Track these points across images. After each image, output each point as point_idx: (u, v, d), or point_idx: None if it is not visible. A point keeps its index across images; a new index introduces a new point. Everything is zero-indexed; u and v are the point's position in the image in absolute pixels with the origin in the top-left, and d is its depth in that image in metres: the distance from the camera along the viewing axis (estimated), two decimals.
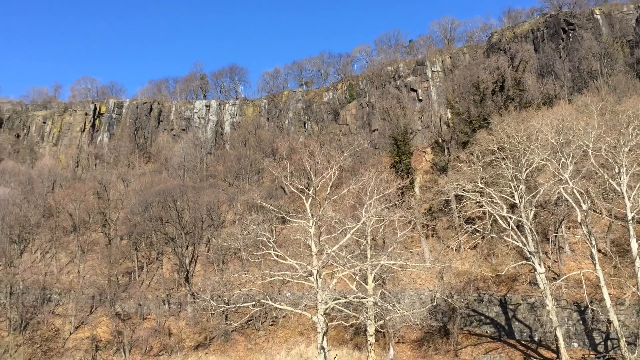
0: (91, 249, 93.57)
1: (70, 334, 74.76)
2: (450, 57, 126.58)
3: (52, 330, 75.92)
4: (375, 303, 45.99)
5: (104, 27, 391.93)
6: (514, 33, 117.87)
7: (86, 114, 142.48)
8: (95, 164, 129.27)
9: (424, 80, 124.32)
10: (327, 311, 42.23)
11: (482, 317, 65.56)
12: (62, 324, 76.62)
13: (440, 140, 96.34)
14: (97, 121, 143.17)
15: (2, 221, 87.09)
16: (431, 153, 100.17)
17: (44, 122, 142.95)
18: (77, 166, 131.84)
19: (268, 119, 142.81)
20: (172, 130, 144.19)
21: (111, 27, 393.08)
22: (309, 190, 46.89)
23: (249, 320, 71.86)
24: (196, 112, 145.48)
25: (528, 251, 51.13)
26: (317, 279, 41.39)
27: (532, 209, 53.03)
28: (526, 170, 52.04)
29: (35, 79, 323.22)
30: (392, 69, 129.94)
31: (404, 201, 66.69)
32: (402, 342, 65.82)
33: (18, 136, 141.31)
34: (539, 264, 50.68)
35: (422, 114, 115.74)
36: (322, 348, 39.14)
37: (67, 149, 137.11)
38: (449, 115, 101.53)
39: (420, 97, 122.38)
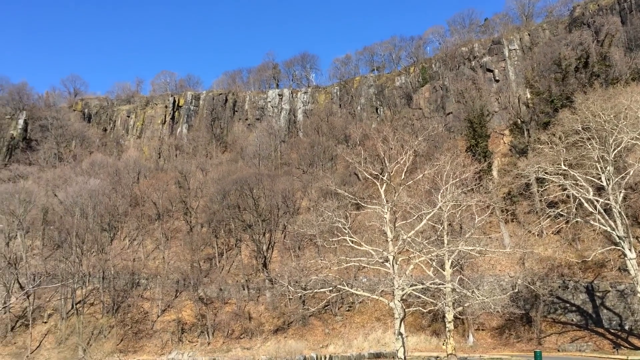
0: (174, 236, 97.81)
1: (158, 316, 78.73)
2: (529, 34, 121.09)
3: (141, 313, 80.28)
4: (453, 289, 45.21)
5: (182, 22, 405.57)
6: (598, 5, 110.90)
7: (166, 106, 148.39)
8: (176, 155, 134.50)
9: (500, 59, 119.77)
10: (403, 297, 41.94)
11: (567, 305, 62.99)
12: (150, 307, 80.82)
13: (519, 122, 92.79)
14: (176, 113, 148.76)
15: (94, 210, 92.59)
16: (509, 135, 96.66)
17: (128, 116, 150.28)
18: (159, 157, 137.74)
19: (340, 105, 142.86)
20: (246, 119, 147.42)
21: (188, 20, 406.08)
22: (383, 176, 46.54)
23: (326, 306, 72.84)
24: (269, 102, 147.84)
25: (617, 236, 48.46)
26: (393, 265, 41.15)
27: (621, 191, 50.17)
28: (614, 150, 49.20)
29: (119, 75, 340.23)
30: (467, 49, 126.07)
31: (481, 185, 64.82)
32: (482, 329, 64.48)
33: (105, 130, 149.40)
34: (630, 249, 47.94)
35: (499, 95, 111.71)
36: (400, 334, 38.99)
37: (149, 140, 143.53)
38: (528, 95, 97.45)
39: (497, 78, 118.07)
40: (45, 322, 79.06)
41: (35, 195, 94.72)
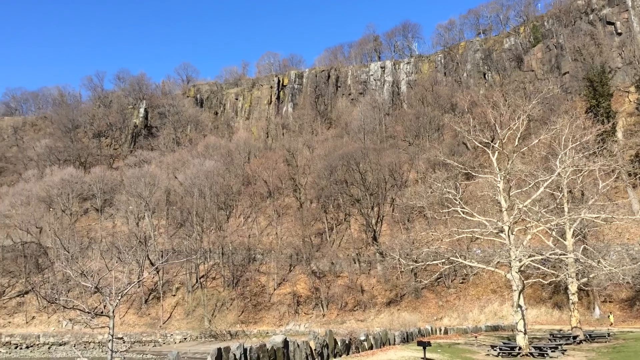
0: (285, 212, 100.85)
1: (274, 289, 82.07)
2: None
3: (258, 287, 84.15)
4: (576, 260, 42.53)
5: (283, 3, 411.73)
6: None
7: (271, 87, 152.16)
8: (283, 133, 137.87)
9: (622, 10, 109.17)
10: (521, 269, 40.15)
11: None
12: (266, 281, 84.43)
13: None
14: (281, 93, 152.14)
15: (210, 190, 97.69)
16: (635, 92, 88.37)
17: (236, 99, 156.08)
18: (267, 136, 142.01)
19: (445, 73, 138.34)
20: (349, 94, 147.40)
21: (289, 1, 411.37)
22: (494, 144, 44.47)
23: (439, 278, 71.76)
24: (372, 75, 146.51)
25: None
26: (508, 236, 39.42)
27: None
28: None
29: (226, 60, 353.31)
30: (583, 2, 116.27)
31: (605, 148, 60.00)
32: (609, 301, 60.44)
33: (216, 113, 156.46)
34: None
35: (622, 50, 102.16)
36: (519, 306, 37.45)
37: (257, 121, 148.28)
38: None
39: (619, 31, 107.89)
40: (174, 295, 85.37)
41: (158, 178, 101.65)
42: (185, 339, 73.96)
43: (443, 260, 46.76)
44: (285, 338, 26.95)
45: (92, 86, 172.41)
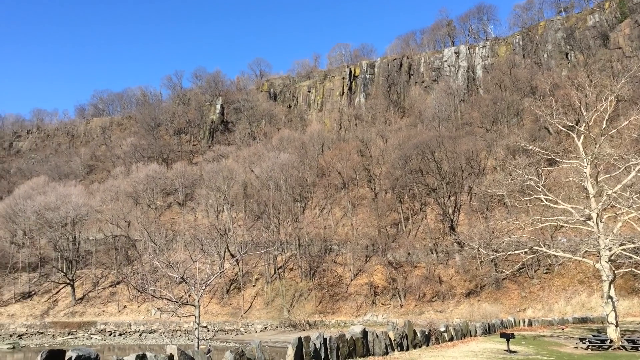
0: (360, 203, 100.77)
1: (351, 280, 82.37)
2: None
3: (335, 277, 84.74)
4: None
5: None
6: None
7: (343, 78, 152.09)
8: (356, 124, 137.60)
9: None
10: (612, 258, 38.01)
11: None
12: (343, 272, 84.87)
13: None
14: (353, 84, 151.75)
15: (286, 183, 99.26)
16: None
17: (309, 91, 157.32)
18: (340, 128, 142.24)
19: (523, 55, 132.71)
20: (422, 82, 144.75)
21: None
22: (579, 127, 42.23)
23: (521, 268, 69.35)
24: (445, 61, 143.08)
25: None
26: (597, 223, 37.40)
27: None
28: None
29: (298, 53, 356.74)
30: None
31: None
32: None
33: (289, 107, 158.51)
34: None
35: None
36: (610, 297, 35.50)
37: (330, 113, 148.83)
38: None
39: None
40: (254, 286, 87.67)
41: (236, 172, 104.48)
42: (265, 328, 75.85)
43: (525, 249, 45.11)
44: (364, 328, 26.97)
45: (171, 85, 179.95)
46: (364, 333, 26.63)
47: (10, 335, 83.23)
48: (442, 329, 36.23)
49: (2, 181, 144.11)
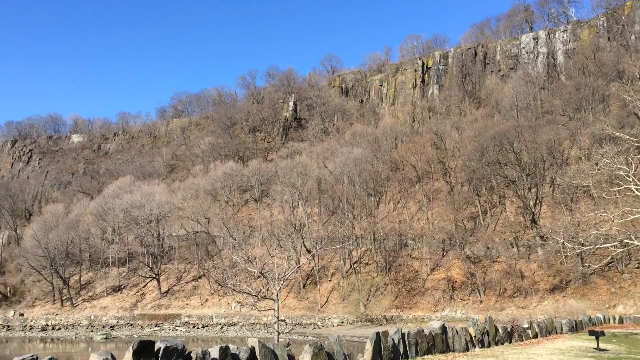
0: (435, 197, 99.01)
1: (428, 275, 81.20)
2: None
3: (411, 272, 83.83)
4: None
5: None
6: None
7: (415, 70, 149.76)
8: (429, 117, 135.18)
9: None
10: None
11: None
12: (419, 266, 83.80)
13: None
14: (425, 75, 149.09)
15: (359, 177, 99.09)
16: None
17: (381, 85, 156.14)
18: (413, 121, 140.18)
19: (608, 38, 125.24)
20: (499, 71, 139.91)
21: None
22: None
23: (610, 263, 65.61)
24: (523, 48, 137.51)
25: None
26: None
27: None
28: None
29: (368, 47, 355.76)
30: None
31: None
32: None
33: (361, 101, 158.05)
34: None
35: None
36: None
37: (402, 106, 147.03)
38: None
39: None
40: (330, 280, 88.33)
41: (309, 168, 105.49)
42: (342, 322, 76.25)
43: (615, 243, 42.76)
44: (443, 324, 26.51)
45: (245, 84, 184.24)
46: (443, 329, 26.16)
47: (103, 327, 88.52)
48: (526, 326, 35.02)
49: (93, 181, 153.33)
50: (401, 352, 22.90)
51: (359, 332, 60.68)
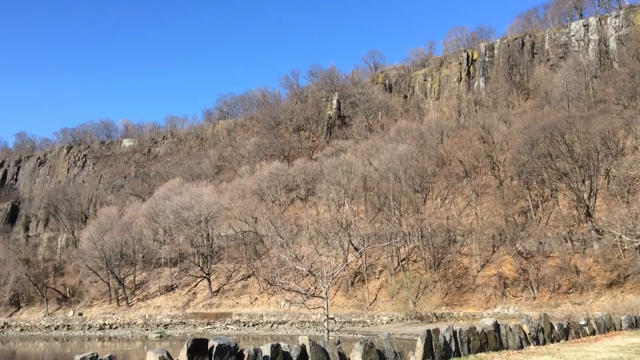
0: (484, 191, 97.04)
1: (478, 271, 79.70)
2: None
3: (461, 269, 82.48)
4: None
5: None
6: None
7: (460, 63, 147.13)
8: (476, 110, 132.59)
9: None
10: None
11: None
12: (469, 263, 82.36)
13: None
14: (471, 68, 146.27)
15: (405, 174, 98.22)
16: None
17: (425, 80, 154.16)
18: (459, 115, 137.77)
19: None
20: (548, 60, 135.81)
21: None
22: None
23: None
24: (573, 35, 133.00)
25: None
26: None
27: None
28: None
29: (411, 42, 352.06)
30: None
31: None
32: None
33: (405, 97, 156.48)
34: None
35: None
36: None
37: (447, 100, 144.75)
38: None
39: None
40: (378, 278, 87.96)
41: (354, 165, 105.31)
42: (391, 320, 75.82)
43: None
44: (496, 321, 25.98)
45: (288, 84, 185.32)
46: (496, 326, 25.63)
47: (158, 325, 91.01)
48: (582, 322, 33.90)
49: (144, 184, 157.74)
50: (453, 350, 22.57)
51: (408, 330, 60.22)
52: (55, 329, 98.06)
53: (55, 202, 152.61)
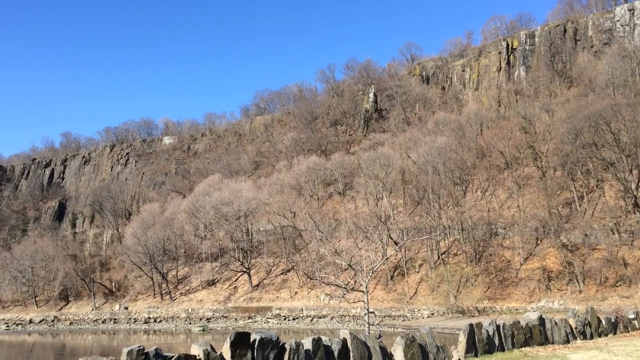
0: (526, 183, 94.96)
1: (521, 265, 78.13)
2: None
3: (503, 262, 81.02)
4: None
5: None
6: None
7: (499, 52, 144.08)
8: (516, 100, 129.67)
9: None
10: None
11: None
12: (511, 256, 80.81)
13: None
14: (511, 57, 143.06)
15: (444, 166, 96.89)
16: None
17: (463, 70, 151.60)
18: (499, 105, 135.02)
19: None
20: (591, 47, 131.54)
21: None
22: None
23: None
24: (617, 20, 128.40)
25: None
26: None
27: None
28: None
29: (449, 32, 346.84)
30: None
31: None
32: None
33: (443, 88, 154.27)
34: None
35: None
36: None
37: (487, 91, 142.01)
38: None
39: None
40: (417, 272, 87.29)
41: (392, 158, 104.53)
42: (432, 314, 75.17)
43: None
44: (541, 315, 25.46)
45: (325, 79, 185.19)
46: (541, 320, 25.12)
47: (200, 319, 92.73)
48: (631, 316, 32.92)
49: (184, 180, 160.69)
50: (496, 344, 22.24)
51: (450, 324, 59.59)
52: (103, 322, 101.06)
53: (100, 199, 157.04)
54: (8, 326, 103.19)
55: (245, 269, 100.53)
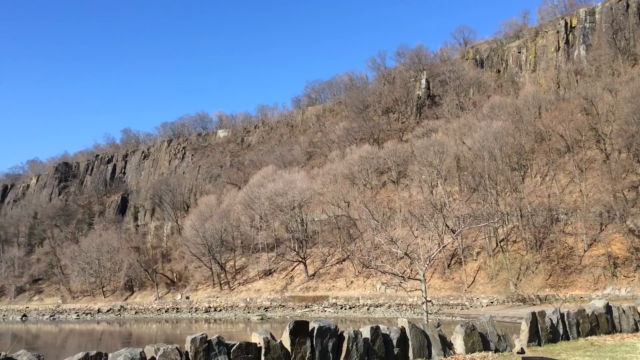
0: (589, 166, 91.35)
1: (585, 251, 75.39)
2: None
3: (565, 249, 78.40)
4: None
5: None
6: None
7: (557, 32, 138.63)
8: (577, 80, 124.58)
9: None
10: None
11: None
12: (574, 242, 78.09)
13: None
14: (570, 36, 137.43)
15: (501, 152, 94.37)
16: None
17: (519, 52, 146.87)
18: (558, 87, 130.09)
19: None
20: None
21: None
22: None
23: None
24: None
25: None
26: None
27: None
28: None
29: (503, 13, 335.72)
30: None
31: None
32: None
33: (498, 71, 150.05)
34: None
35: None
36: None
37: (544, 72, 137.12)
38: None
39: None
40: (475, 260, 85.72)
41: (446, 145, 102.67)
42: (491, 302, 73.72)
43: None
44: (607, 303, 24.53)
45: (375, 66, 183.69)
46: (608, 308, 24.21)
47: (258, 308, 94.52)
48: None
49: (239, 172, 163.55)
50: (561, 333, 21.60)
51: (510, 313, 58.32)
52: (166, 311, 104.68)
53: (160, 192, 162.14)
54: (78, 315, 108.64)
55: (301, 259, 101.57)
